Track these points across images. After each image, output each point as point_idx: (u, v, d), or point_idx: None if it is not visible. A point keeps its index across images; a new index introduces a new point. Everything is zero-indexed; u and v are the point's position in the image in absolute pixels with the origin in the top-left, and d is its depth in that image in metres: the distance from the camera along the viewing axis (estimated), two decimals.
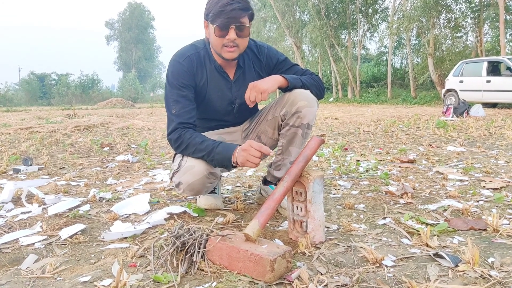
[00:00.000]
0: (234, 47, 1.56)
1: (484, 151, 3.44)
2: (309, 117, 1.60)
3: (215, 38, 1.57)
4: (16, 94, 39.94)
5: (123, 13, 57.87)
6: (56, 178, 2.76)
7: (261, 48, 1.78)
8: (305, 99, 1.59)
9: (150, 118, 9.94)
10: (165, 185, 2.43)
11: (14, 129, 6.59)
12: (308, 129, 1.64)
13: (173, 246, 1.25)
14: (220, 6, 1.50)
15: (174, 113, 1.60)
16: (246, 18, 1.55)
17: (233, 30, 1.53)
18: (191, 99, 1.63)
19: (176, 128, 1.58)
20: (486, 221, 1.54)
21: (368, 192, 2.15)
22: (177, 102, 1.60)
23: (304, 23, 25.20)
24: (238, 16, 1.51)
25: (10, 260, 1.33)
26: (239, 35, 1.55)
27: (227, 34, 1.53)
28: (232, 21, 1.51)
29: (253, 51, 1.76)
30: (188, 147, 1.56)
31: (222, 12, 1.50)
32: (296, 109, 1.59)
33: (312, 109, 1.61)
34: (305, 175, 1.36)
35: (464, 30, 17.85)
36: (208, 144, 1.53)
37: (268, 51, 1.79)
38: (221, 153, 1.50)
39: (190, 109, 1.61)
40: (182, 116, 1.59)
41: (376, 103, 18.76)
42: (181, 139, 1.57)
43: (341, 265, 1.22)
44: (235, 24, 1.52)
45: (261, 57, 1.77)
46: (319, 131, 5.74)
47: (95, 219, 1.77)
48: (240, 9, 1.51)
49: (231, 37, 1.53)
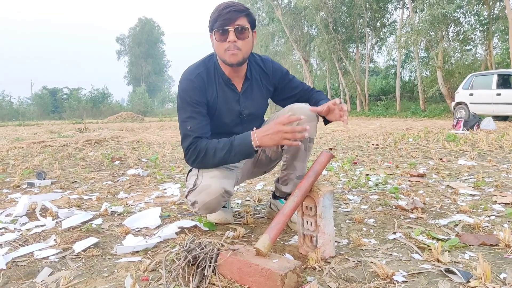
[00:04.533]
0: (236, 50, 1.58)
1: (495, 165, 3.41)
2: (310, 131, 1.62)
3: (217, 44, 1.60)
4: (29, 108, 40.68)
5: (134, 29, 58.94)
6: (69, 191, 2.80)
7: (266, 61, 1.82)
8: (304, 114, 1.62)
9: (159, 132, 10.04)
10: (175, 199, 2.45)
11: (27, 143, 6.70)
12: (310, 143, 1.67)
13: (185, 260, 1.26)
14: (217, 12, 1.55)
15: (189, 128, 1.60)
16: (243, 19, 1.57)
17: (232, 32, 1.55)
18: (205, 115, 1.65)
19: (192, 142, 1.59)
20: (497, 236, 1.53)
21: (378, 206, 2.14)
22: (192, 118, 1.61)
23: (312, 37, 25.43)
24: (234, 18, 1.54)
25: (25, 273, 1.35)
26: (238, 37, 1.57)
27: (227, 36, 1.56)
28: (229, 22, 1.54)
29: (259, 65, 1.79)
30: (207, 152, 1.56)
31: (219, 16, 1.54)
32: (296, 124, 1.62)
33: (313, 123, 1.63)
34: (315, 190, 1.38)
35: (473, 43, 17.86)
36: (225, 141, 1.55)
37: (273, 64, 1.84)
38: (241, 144, 1.52)
39: (204, 124, 1.63)
40: (198, 131, 1.60)
41: (385, 116, 18.71)
42: (198, 148, 1.57)
43: (352, 280, 1.22)
44: (233, 26, 1.55)
45: (268, 70, 1.81)
46: (328, 144, 5.74)
47: (108, 233, 1.79)
48: (235, 11, 1.54)
49: (231, 39, 1.55)
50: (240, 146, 1.52)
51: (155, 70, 60.61)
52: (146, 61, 58.58)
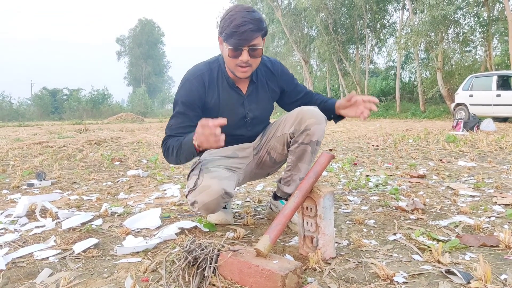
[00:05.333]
0: (247, 67, 1.59)
1: (495, 166, 3.41)
2: (318, 134, 1.63)
3: (229, 59, 1.60)
4: (28, 109, 40.68)
5: (134, 30, 59.04)
6: (69, 192, 2.80)
7: (274, 63, 1.83)
8: (313, 117, 1.62)
9: (159, 133, 10.03)
10: (175, 200, 2.45)
11: (27, 143, 6.70)
12: (317, 145, 1.66)
13: (185, 261, 1.26)
14: (233, 27, 1.50)
15: (170, 126, 1.65)
16: (259, 38, 1.56)
17: (246, 52, 1.54)
18: (190, 118, 1.64)
19: (164, 139, 1.65)
20: (498, 238, 1.53)
21: (378, 207, 2.14)
22: (176, 117, 1.65)
23: (312, 38, 25.46)
24: (250, 38, 1.52)
25: (25, 274, 1.35)
26: (252, 55, 1.56)
27: (240, 55, 1.55)
28: (245, 42, 1.52)
29: (267, 66, 1.80)
30: (168, 150, 1.61)
31: (235, 33, 1.50)
32: (305, 127, 1.62)
33: (321, 126, 1.63)
34: (316, 190, 1.38)
35: (473, 44, 17.89)
36: (179, 138, 1.57)
37: (281, 66, 1.85)
38: (187, 143, 1.51)
39: (185, 126, 1.63)
40: (174, 131, 1.63)
41: (385, 117, 18.72)
42: (166, 145, 1.62)
43: (352, 281, 1.22)
44: (248, 46, 1.54)
45: (276, 72, 1.81)
46: (328, 145, 5.74)
47: (108, 234, 1.79)
48: (252, 31, 1.51)
49: (244, 59, 1.55)
50: (186, 144, 1.52)
51: (155, 71, 60.67)
52: (146, 62, 58.65)
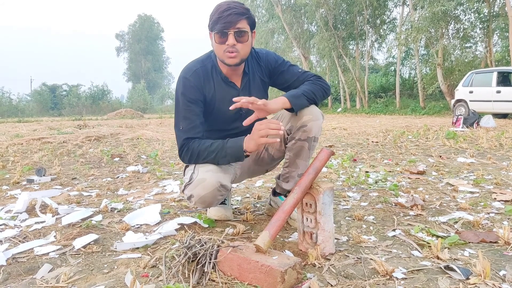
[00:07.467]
0: (234, 53, 1.58)
1: (495, 163, 3.42)
2: (315, 130, 1.63)
3: (216, 45, 1.60)
4: (28, 105, 40.59)
5: (133, 25, 58.76)
6: (69, 188, 2.80)
7: (259, 54, 1.81)
8: (309, 113, 1.62)
9: (159, 129, 10.02)
10: (175, 196, 2.45)
11: (27, 139, 6.70)
12: (314, 141, 1.67)
13: (185, 256, 1.27)
14: (218, 13, 1.54)
15: (181, 129, 1.64)
16: (244, 22, 1.57)
17: (232, 35, 1.55)
18: (198, 114, 1.66)
19: (183, 144, 1.63)
20: (497, 234, 1.53)
21: (377, 203, 2.15)
22: (184, 118, 1.64)
23: (312, 34, 25.36)
24: (235, 21, 1.53)
25: (26, 269, 1.36)
26: (238, 40, 1.57)
27: (226, 39, 1.56)
28: (230, 25, 1.54)
29: (255, 58, 1.79)
30: (199, 154, 1.59)
31: (220, 19, 1.53)
32: (301, 124, 1.62)
33: (317, 122, 1.63)
34: (315, 186, 1.38)
35: (473, 41, 17.84)
36: (218, 143, 1.58)
37: (266, 55, 1.81)
38: (232, 147, 1.55)
39: (196, 124, 1.64)
40: (189, 132, 1.63)
41: (384, 113, 18.69)
42: (190, 150, 1.61)
43: (351, 277, 1.22)
44: (233, 29, 1.55)
45: (261, 62, 1.80)
46: (327, 141, 5.74)
47: (108, 229, 1.79)
48: (236, 14, 1.53)
49: (230, 42, 1.56)
50: (231, 148, 1.55)
51: (155, 67, 60.48)
52: (146, 58, 58.44)
